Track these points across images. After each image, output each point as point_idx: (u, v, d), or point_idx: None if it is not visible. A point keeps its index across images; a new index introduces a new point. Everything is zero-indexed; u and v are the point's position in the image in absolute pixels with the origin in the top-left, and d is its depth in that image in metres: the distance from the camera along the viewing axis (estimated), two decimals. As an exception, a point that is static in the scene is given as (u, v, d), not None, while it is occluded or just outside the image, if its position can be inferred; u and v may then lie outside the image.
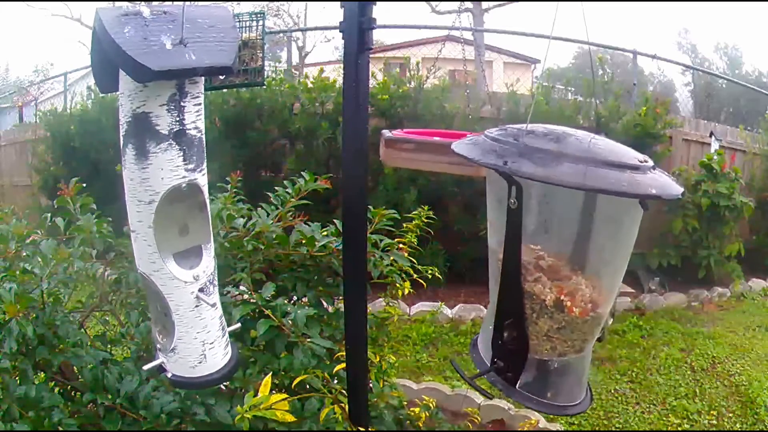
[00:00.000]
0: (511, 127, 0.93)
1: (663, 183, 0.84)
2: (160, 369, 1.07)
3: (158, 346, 1.08)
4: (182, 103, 0.94)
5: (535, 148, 0.85)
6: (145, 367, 1.07)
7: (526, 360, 0.96)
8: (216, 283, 1.08)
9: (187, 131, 0.95)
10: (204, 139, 1.00)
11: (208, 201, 1.03)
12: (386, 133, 1.61)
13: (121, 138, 0.95)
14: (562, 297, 0.93)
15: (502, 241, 0.95)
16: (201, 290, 1.02)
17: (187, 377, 1.07)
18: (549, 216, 0.96)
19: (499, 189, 0.95)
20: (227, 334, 1.12)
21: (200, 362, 1.06)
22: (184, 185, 0.97)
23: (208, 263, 1.05)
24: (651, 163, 0.87)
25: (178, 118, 0.93)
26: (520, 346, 0.96)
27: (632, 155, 0.87)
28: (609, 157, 0.83)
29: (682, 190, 0.87)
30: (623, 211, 0.93)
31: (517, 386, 0.97)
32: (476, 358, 1.08)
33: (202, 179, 1.00)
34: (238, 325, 1.23)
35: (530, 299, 0.95)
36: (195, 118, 0.96)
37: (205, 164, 1.00)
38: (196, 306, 1.02)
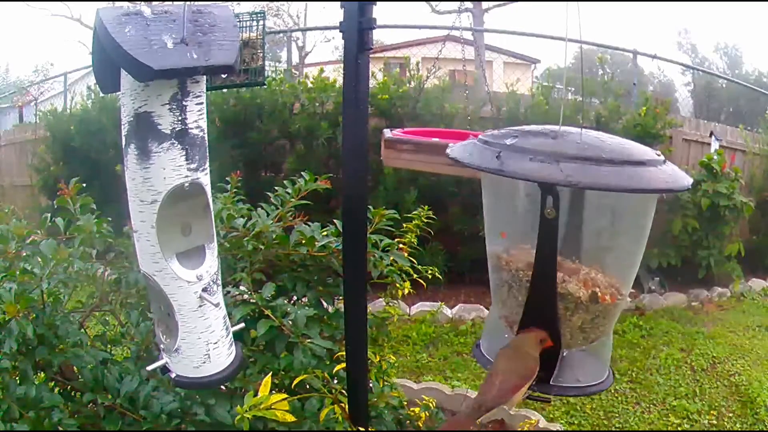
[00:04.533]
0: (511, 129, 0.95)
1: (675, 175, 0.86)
2: (164, 369, 1.07)
3: (162, 346, 1.07)
4: (184, 103, 0.93)
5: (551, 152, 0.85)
6: (149, 368, 1.07)
7: (558, 357, 0.98)
8: (219, 282, 1.08)
9: (190, 130, 0.95)
10: (207, 139, 0.99)
11: (211, 200, 1.03)
12: (386, 133, 1.60)
13: (123, 138, 0.95)
14: (597, 290, 0.94)
15: (516, 247, 0.95)
16: (204, 290, 1.02)
17: (191, 377, 1.06)
18: (569, 218, 0.95)
19: (512, 196, 0.96)
20: (231, 334, 1.12)
21: (204, 362, 1.05)
22: (186, 185, 0.97)
23: (211, 263, 1.05)
24: (663, 157, 0.89)
25: (180, 118, 0.93)
26: (554, 346, 0.97)
27: (643, 150, 0.88)
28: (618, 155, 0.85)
29: (691, 180, 0.88)
30: (638, 201, 0.94)
31: (551, 381, 0.99)
32: (483, 360, 1.09)
33: (205, 178, 1.00)
34: (242, 324, 1.23)
35: (564, 300, 0.95)
36: (197, 117, 0.96)
37: (207, 163, 1.00)
38: (200, 306, 1.02)
